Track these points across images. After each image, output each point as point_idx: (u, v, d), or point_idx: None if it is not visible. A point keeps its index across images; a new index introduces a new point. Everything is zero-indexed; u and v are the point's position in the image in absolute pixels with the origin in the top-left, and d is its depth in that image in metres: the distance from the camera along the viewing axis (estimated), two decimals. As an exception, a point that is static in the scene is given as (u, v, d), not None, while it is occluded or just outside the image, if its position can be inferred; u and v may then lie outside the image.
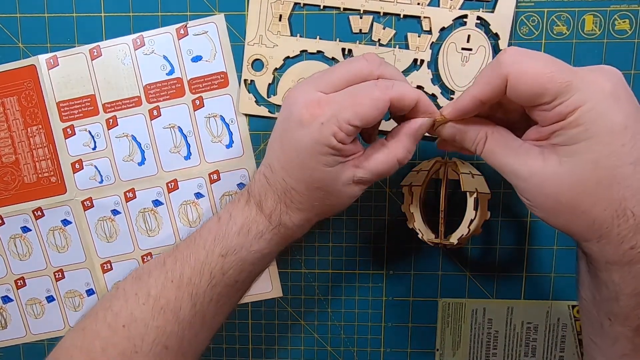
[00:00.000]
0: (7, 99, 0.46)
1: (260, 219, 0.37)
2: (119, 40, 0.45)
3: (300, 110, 0.34)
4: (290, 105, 0.35)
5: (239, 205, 0.38)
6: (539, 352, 0.48)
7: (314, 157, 0.34)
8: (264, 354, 0.49)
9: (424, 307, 0.48)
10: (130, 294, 0.37)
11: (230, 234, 0.37)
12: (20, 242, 0.48)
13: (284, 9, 0.43)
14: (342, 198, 0.37)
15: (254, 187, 0.38)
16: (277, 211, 0.37)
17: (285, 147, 0.36)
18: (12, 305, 0.49)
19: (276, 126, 0.37)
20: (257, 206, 0.37)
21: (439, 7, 0.43)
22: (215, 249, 0.37)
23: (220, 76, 0.45)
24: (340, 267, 0.48)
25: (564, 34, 0.43)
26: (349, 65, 0.35)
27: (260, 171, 0.38)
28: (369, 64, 0.35)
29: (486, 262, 0.46)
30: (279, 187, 0.37)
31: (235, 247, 0.37)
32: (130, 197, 0.47)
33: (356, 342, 0.49)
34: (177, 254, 0.38)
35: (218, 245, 0.37)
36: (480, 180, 0.40)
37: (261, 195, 0.37)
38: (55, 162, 0.46)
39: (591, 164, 0.29)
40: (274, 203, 0.37)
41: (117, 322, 0.37)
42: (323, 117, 0.34)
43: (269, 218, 0.37)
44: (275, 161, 0.37)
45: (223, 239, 0.37)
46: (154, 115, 0.46)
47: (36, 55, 0.45)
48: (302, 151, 0.35)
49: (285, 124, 0.35)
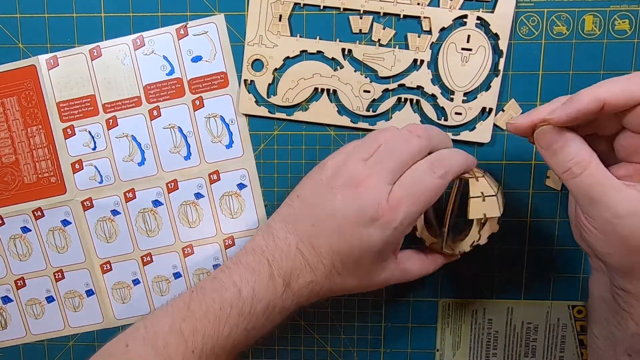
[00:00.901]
0: (7, 99, 0.46)
1: (287, 296, 0.36)
2: (119, 40, 0.45)
3: (372, 207, 0.34)
4: (351, 189, 0.35)
5: (261, 278, 0.36)
6: (539, 352, 0.48)
7: (379, 254, 0.36)
8: (264, 354, 0.49)
9: (424, 307, 0.48)
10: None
11: (256, 311, 0.36)
12: (20, 242, 0.48)
13: (284, 9, 0.43)
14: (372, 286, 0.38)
15: (281, 260, 0.36)
16: (309, 289, 0.36)
17: (348, 236, 0.35)
18: (12, 306, 0.49)
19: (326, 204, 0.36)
20: (285, 282, 0.36)
21: (439, 7, 0.43)
22: (240, 325, 0.36)
23: (220, 76, 0.45)
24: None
25: (563, 34, 0.43)
26: (407, 146, 0.36)
27: (286, 241, 0.36)
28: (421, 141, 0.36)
29: (486, 262, 0.46)
30: (321, 269, 0.36)
31: (262, 324, 0.36)
32: (130, 198, 0.47)
33: (356, 342, 0.48)
34: (196, 322, 0.35)
35: (244, 321, 0.36)
36: (492, 202, 0.38)
37: (293, 272, 0.36)
38: (55, 162, 0.46)
39: None
40: (307, 282, 0.36)
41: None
42: (396, 222, 0.34)
43: (298, 295, 0.36)
44: (324, 243, 0.35)
45: (249, 316, 0.36)
46: (154, 115, 0.46)
47: (36, 55, 0.45)
48: (371, 247, 0.35)
49: (350, 212, 0.35)
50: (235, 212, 0.47)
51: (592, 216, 0.31)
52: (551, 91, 0.43)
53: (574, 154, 0.31)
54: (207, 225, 0.47)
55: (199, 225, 0.47)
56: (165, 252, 0.47)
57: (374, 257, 0.36)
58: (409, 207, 0.35)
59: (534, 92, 0.44)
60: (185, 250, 0.47)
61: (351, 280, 0.37)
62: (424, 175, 0.35)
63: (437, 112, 0.44)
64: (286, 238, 0.36)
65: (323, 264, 0.36)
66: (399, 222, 0.34)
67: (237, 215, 0.47)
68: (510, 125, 0.33)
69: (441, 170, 0.35)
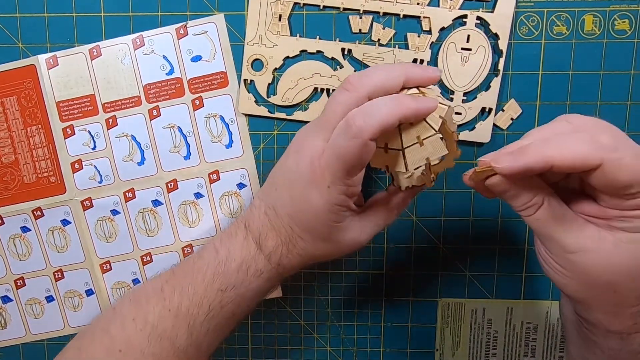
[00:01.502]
0: (6, 99, 0.46)
1: (260, 258, 0.37)
2: (119, 40, 0.45)
3: (307, 167, 0.34)
4: (296, 152, 0.36)
5: (236, 240, 0.38)
6: (539, 352, 0.48)
7: (326, 215, 0.35)
8: (264, 353, 0.49)
9: (423, 307, 0.48)
10: (128, 318, 0.37)
11: (229, 270, 0.37)
12: (20, 242, 0.48)
13: (283, 9, 0.43)
14: (343, 249, 0.38)
15: (253, 224, 0.38)
16: (278, 253, 0.37)
17: (296, 199, 0.36)
18: (11, 305, 0.49)
19: (282, 168, 0.37)
20: (256, 244, 0.37)
21: (439, 7, 0.43)
22: (214, 284, 0.37)
23: (219, 76, 0.45)
24: (340, 266, 0.48)
25: (563, 34, 0.43)
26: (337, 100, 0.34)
27: (259, 208, 0.38)
28: (350, 93, 0.34)
29: (486, 262, 0.46)
30: (284, 232, 0.37)
31: (234, 283, 0.37)
32: (129, 197, 0.47)
33: (356, 342, 0.48)
34: (175, 282, 0.38)
35: (217, 280, 0.37)
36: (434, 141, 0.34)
37: (261, 235, 0.37)
38: (54, 162, 0.46)
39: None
40: (275, 245, 0.37)
41: (113, 346, 0.37)
42: (327, 181, 0.34)
43: (268, 258, 0.37)
44: (281, 207, 0.37)
45: (222, 275, 0.37)
46: (154, 115, 0.46)
47: (36, 55, 0.45)
48: (315, 209, 0.35)
49: (295, 175, 0.35)
50: (235, 212, 0.47)
51: (550, 250, 0.32)
52: (551, 91, 0.43)
53: (526, 199, 0.31)
54: (207, 224, 0.47)
55: (198, 225, 0.47)
56: (165, 252, 0.47)
57: (325, 219, 0.35)
58: (333, 168, 0.33)
59: (533, 92, 0.44)
60: (185, 250, 0.47)
61: (317, 244, 0.37)
62: (336, 136, 0.33)
63: (437, 112, 0.44)
64: (259, 205, 0.38)
65: (284, 228, 0.37)
66: (329, 181, 0.34)
67: (237, 214, 0.47)
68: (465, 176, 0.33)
69: (354, 128, 0.32)
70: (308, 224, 0.36)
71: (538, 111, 0.44)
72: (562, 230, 0.31)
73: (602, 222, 0.31)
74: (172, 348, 0.37)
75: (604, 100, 0.43)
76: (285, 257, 0.37)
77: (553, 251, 0.31)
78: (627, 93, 0.43)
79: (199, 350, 0.38)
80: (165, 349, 0.37)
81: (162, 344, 0.37)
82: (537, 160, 0.28)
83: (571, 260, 0.31)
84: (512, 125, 0.44)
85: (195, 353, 0.38)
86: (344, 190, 0.34)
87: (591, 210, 0.31)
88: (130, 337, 0.37)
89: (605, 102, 0.43)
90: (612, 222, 0.30)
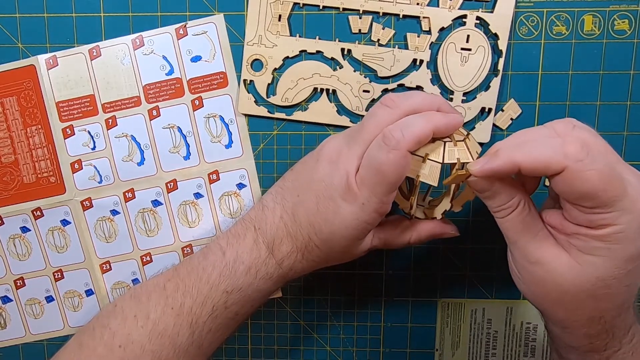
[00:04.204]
0: (6, 99, 0.46)
1: (271, 262, 0.37)
2: (119, 40, 0.45)
3: (342, 181, 0.34)
4: (331, 163, 0.36)
5: (245, 242, 0.38)
6: (539, 352, 0.48)
7: (353, 231, 0.35)
8: (263, 353, 0.49)
9: (423, 307, 0.48)
10: (129, 314, 0.37)
11: (236, 273, 0.37)
12: (20, 242, 0.48)
13: (283, 9, 0.43)
14: (353, 257, 0.38)
15: (266, 227, 0.37)
16: (292, 259, 0.37)
17: (323, 210, 0.35)
18: (11, 306, 0.49)
19: (311, 176, 0.36)
20: (268, 248, 0.37)
21: (438, 7, 0.43)
22: (220, 285, 0.37)
23: (219, 76, 0.45)
24: (340, 266, 0.47)
25: (563, 34, 0.43)
26: (376, 115, 0.35)
27: (273, 211, 0.38)
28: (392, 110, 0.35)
29: (486, 262, 0.46)
30: (300, 239, 0.37)
31: (241, 285, 0.37)
32: (129, 197, 0.47)
33: (355, 342, 0.49)
34: (179, 281, 0.38)
35: (223, 282, 0.37)
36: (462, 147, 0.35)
37: (275, 240, 0.37)
38: (54, 162, 0.46)
39: (596, 279, 0.30)
40: (289, 251, 0.37)
41: (113, 341, 0.37)
42: (361, 198, 0.34)
43: (280, 263, 0.37)
44: (303, 215, 0.36)
45: (229, 277, 0.37)
46: (154, 115, 0.46)
47: (35, 55, 0.45)
48: (343, 223, 0.35)
49: (326, 186, 0.35)
50: (235, 212, 0.47)
51: (513, 254, 0.33)
52: (550, 91, 0.43)
53: (501, 201, 0.32)
54: (207, 225, 0.47)
55: (198, 225, 0.47)
56: (165, 252, 0.47)
57: (351, 234, 0.36)
58: (371, 184, 0.34)
59: (533, 92, 0.44)
60: (185, 250, 0.47)
61: (333, 254, 0.37)
62: (375, 150, 0.34)
63: (437, 112, 0.44)
64: (274, 208, 0.38)
65: (302, 235, 0.37)
66: (365, 199, 0.34)
67: (237, 214, 0.47)
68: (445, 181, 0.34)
69: (392, 141, 0.33)
70: (330, 236, 0.36)
71: (538, 111, 0.44)
72: (527, 238, 0.32)
73: (562, 237, 0.31)
74: (173, 346, 0.37)
75: (603, 100, 0.43)
76: (299, 262, 0.37)
77: (515, 256, 0.33)
78: (627, 93, 0.43)
79: (199, 349, 0.38)
80: (165, 347, 0.37)
81: (163, 342, 0.37)
82: (505, 162, 0.30)
83: (529, 269, 0.32)
84: (511, 125, 0.44)
85: (195, 352, 0.38)
86: (378, 208, 0.34)
87: (555, 221, 0.32)
88: (130, 333, 0.37)
89: (605, 102, 0.43)
90: (570, 239, 0.31)
